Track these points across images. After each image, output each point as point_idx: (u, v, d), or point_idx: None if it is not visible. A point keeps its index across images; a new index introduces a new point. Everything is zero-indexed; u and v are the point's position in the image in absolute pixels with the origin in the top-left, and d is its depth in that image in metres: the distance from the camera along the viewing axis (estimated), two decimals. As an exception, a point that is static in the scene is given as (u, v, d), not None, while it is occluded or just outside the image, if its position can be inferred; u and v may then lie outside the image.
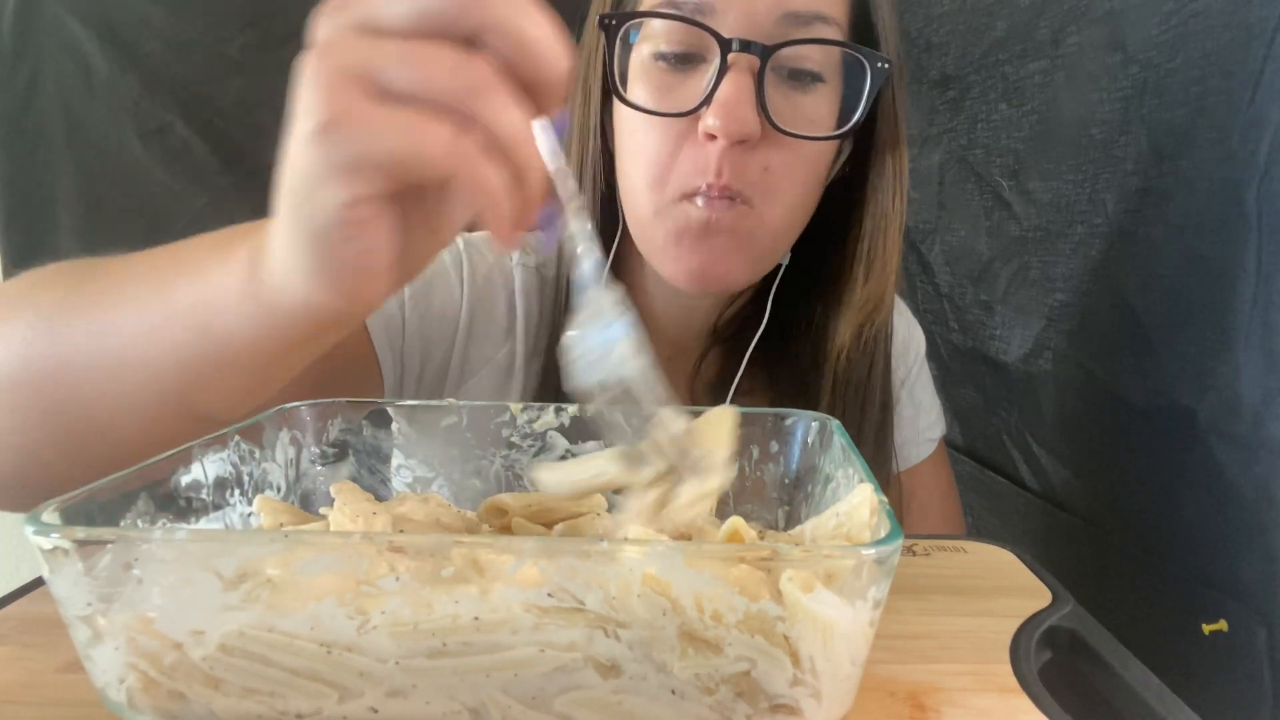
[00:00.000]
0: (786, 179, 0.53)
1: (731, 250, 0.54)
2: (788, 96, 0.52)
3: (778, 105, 0.51)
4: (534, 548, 0.27)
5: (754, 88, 0.50)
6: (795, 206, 0.55)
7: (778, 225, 0.55)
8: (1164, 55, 0.58)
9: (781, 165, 0.53)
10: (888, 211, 0.57)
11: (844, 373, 0.60)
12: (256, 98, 1.17)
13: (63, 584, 0.27)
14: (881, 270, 0.58)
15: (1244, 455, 0.52)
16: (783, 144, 0.52)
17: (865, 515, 0.32)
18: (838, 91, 0.54)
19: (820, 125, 0.54)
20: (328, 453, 0.44)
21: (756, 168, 0.52)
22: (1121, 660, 0.35)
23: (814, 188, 0.56)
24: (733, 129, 0.49)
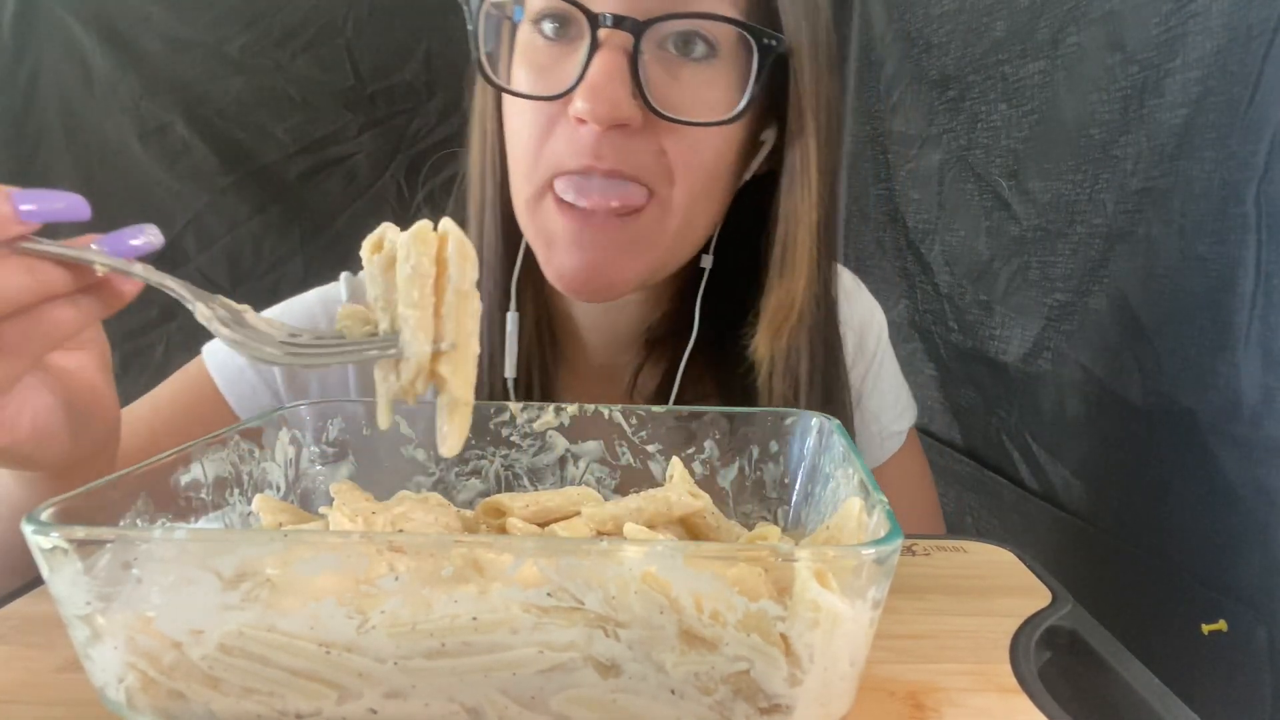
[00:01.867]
0: (686, 166, 0.48)
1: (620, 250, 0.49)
2: (674, 70, 0.48)
3: (661, 84, 0.47)
4: (534, 547, 0.27)
5: (628, 67, 0.46)
6: (700, 196, 0.50)
7: (680, 218, 0.50)
8: (1164, 55, 0.58)
9: (678, 150, 0.48)
10: (796, 209, 0.52)
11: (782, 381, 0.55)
12: (256, 98, 1.17)
13: (62, 583, 0.27)
14: (791, 272, 0.53)
15: (1244, 455, 0.52)
16: (673, 127, 0.48)
17: (853, 527, 0.33)
18: (736, 68, 0.49)
19: (715, 106, 0.48)
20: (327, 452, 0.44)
21: (646, 151, 0.47)
22: (1121, 660, 0.35)
23: (721, 177, 0.51)
24: (600, 113, 0.45)
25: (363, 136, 1.20)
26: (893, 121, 1.07)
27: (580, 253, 0.49)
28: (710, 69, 0.48)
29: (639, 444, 0.45)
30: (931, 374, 0.98)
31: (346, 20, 1.17)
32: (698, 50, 0.48)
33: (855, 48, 1.21)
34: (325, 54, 1.17)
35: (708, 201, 0.52)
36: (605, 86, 0.45)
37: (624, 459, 0.45)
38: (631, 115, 0.46)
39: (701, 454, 0.44)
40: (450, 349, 0.33)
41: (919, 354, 1.01)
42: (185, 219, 1.18)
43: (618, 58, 0.46)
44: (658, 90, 0.47)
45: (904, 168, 1.03)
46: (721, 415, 0.44)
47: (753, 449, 0.44)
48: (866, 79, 1.17)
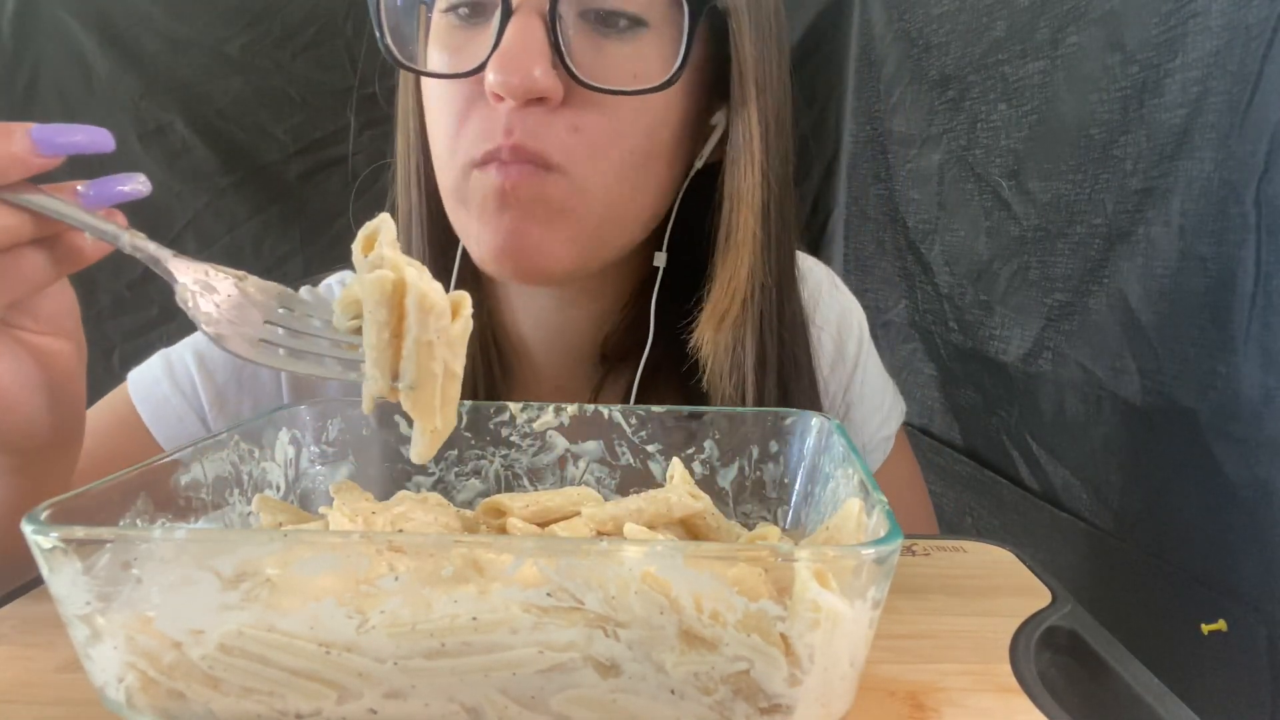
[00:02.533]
0: (605, 142, 0.45)
1: (540, 224, 0.46)
2: (597, 44, 0.44)
3: (585, 54, 0.44)
4: (533, 547, 0.27)
5: (544, 34, 0.42)
6: (625, 177, 0.46)
7: (603, 197, 0.46)
8: (1164, 55, 0.58)
9: (597, 126, 0.44)
10: (739, 188, 0.48)
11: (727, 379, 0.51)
12: (256, 98, 1.17)
13: (62, 583, 0.27)
14: (734, 257, 0.49)
15: (1244, 455, 0.52)
16: (596, 101, 0.44)
17: (852, 528, 0.33)
18: (671, 40, 0.45)
19: (645, 79, 0.45)
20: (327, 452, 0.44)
21: (562, 128, 0.44)
22: (1121, 660, 0.35)
23: (654, 157, 0.47)
24: (514, 84, 0.42)
25: (363, 136, 1.20)
26: (893, 121, 1.07)
27: (501, 230, 0.46)
28: (639, 41, 0.45)
29: (639, 444, 0.45)
30: (931, 374, 0.98)
31: (346, 20, 1.17)
32: (623, 23, 0.44)
33: (855, 48, 1.21)
34: (325, 54, 1.17)
35: (642, 184, 0.48)
36: (519, 54, 0.42)
37: (624, 459, 0.45)
38: (550, 87, 0.43)
39: (701, 454, 0.44)
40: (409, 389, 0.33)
41: (919, 354, 1.01)
42: (185, 219, 1.18)
43: (533, 23, 0.42)
44: (580, 60, 0.43)
45: (904, 168, 1.03)
46: (721, 415, 0.44)
47: (753, 449, 0.44)
48: (866, 79, 1.17)
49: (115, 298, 1.19)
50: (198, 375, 0.56)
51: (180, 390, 0.56)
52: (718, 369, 0.51)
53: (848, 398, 0.63)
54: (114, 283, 1.18)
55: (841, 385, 0.63)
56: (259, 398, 0.57)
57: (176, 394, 0.56)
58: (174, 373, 0.56)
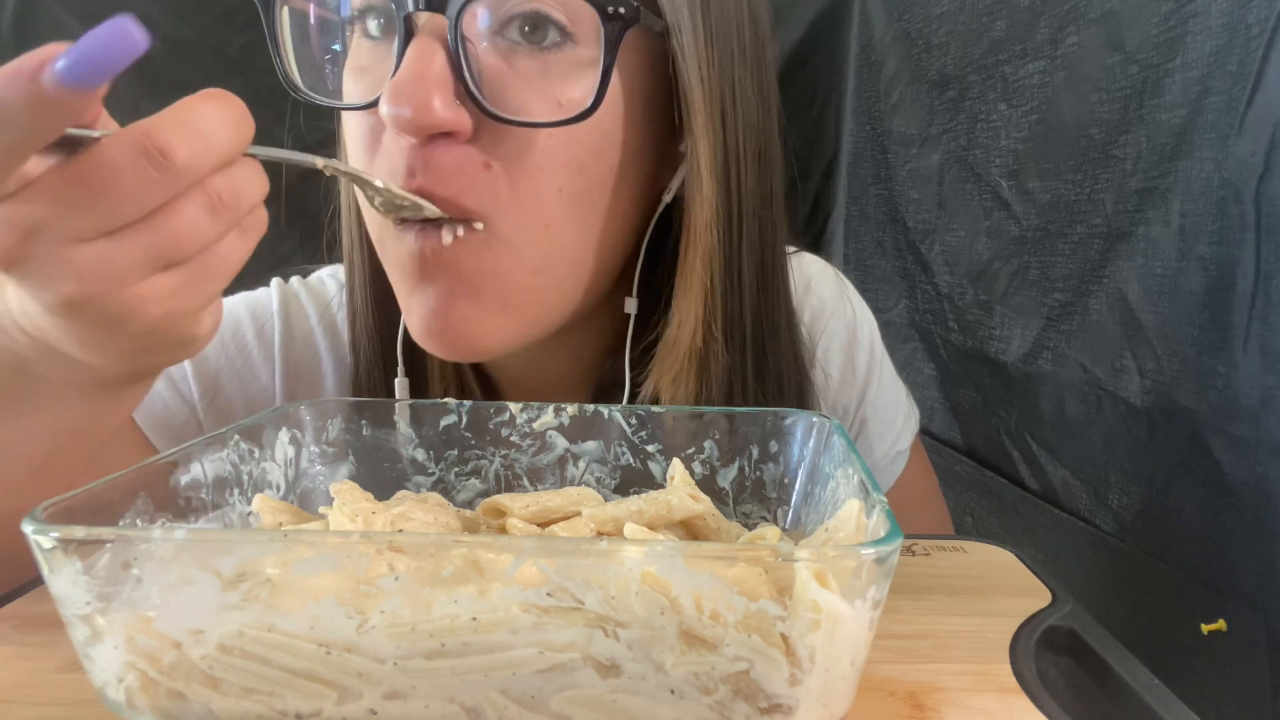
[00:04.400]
0: (527, 181, 0.38)
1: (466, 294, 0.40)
2: (517, 64, 0.38)
3: (498, 79, 0.38)
4: (534, 547, 0.27)
5: (445, 58, 0.37)
6: (557, 223, 0.40)
7: (533, 252, 0.40)
8: (1164, 55, 0.58)
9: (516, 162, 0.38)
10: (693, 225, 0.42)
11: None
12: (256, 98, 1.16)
13: (62, 583, 0.27)
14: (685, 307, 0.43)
15: (1244, 455, 0.52)
16: (512, 134, 0.38)
17: (851, 529, 0.33)
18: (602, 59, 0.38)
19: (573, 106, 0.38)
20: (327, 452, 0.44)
21: (474, 166, 0.38)
22: (1121, 660, 0.35)
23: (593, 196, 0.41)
24: (406, 118, 0.36)
25: (363, 136, 1.20)
26: (893, 121, 1.07)
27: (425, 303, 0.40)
28: (563, 62, 0.38)
29: (639, 444, 0.45)
30: (931, 374, 0.98)
31: (346, 20, 1.17)
32: (550, 37, 0.38)
33: (855, 48, 1.21)
34: (325, 54, 1.17)
35: (582, 229, 0.41)
36: (412, 83, 0.36)
37: (624, 459, 0.45)
38: (451, 119, 0.37)
39: (701, 454, 0.44)
40: None
41: (919, 354, 1.01)
42: (185, 219, 1.18)
43: (432, 48, 0.37)
44: (492, 86, 0.38)
45: (904, 168, 1.03)
46: (721, 415, 0.44)
47: (753, 449, 0.44)
48: (866, 79, 1.17)
49: (115, 298, 1.18)
50: (188, 362, 0.52)
51: (168, 374, 0.52)
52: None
53: (861, 413, 0.59)
54: (114, 283, 1.18)
55: (854, 401, 0.59)
56: (251, 389, 0.53)
57: (163, 378, 0.52)
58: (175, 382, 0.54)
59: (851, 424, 0.59)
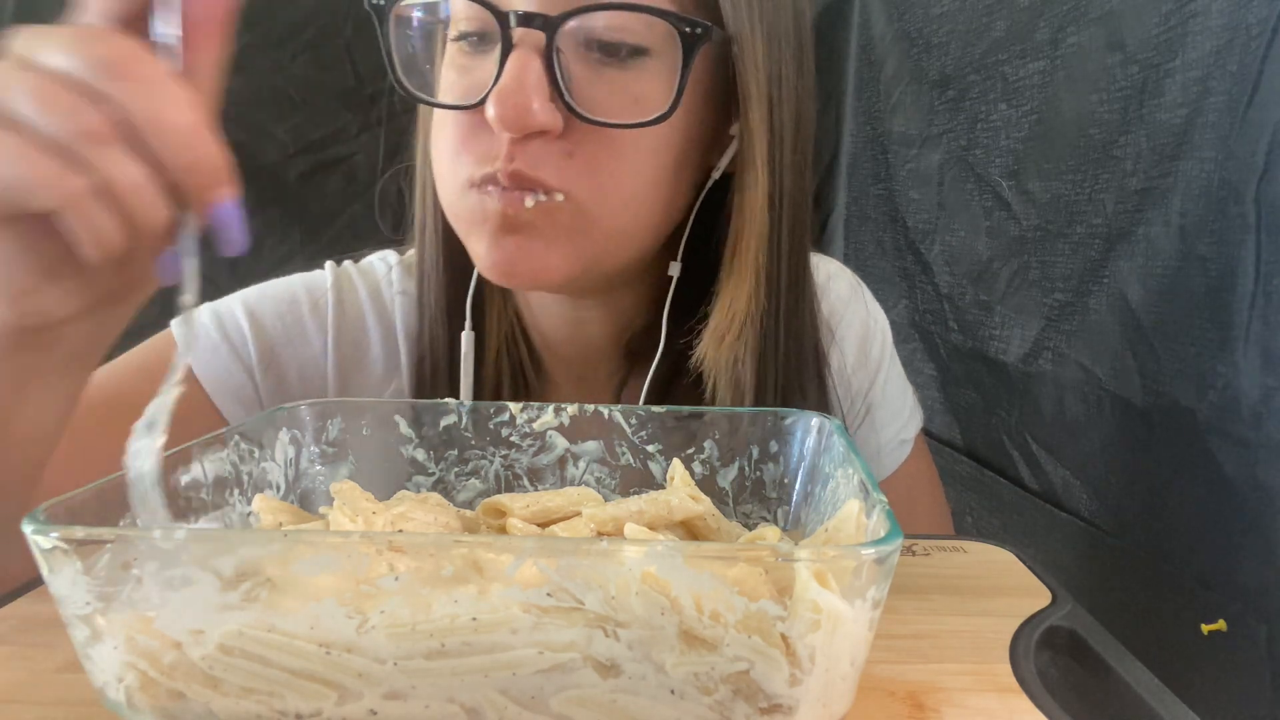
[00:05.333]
0: (607, 168, 0.45)
1: (541, 242, 0.47)
2: (598, 72, 0.44)
3: (584, 85, 0.44)
4: (533, 547, 0.27)
5: (543, 69, 0.43)
6: (630, 199, 0.47)
7: (609, 220, 0.47)
8: (1164, 55, 0.58)
9: (593, 153, 0.45)
10: (745, 209, 0.49)
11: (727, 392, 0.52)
12: (256, 98, 1.17)
13: (62, 583, 0.27)
14: (737, 277, 0.49)
15: (1244, 455, 0.52)
16: (595, 131, 0.45)
17: (851, 529, 0.33)
18: (672, 67, 0.45)
19: (648, 105, 0.45)
20: (327, 452, 0.44)
21: (560, 155, 0.45)
22: (1121, 660, 0.35)
23: (661, 178, 0.48)
24: (511, 119, 0.43)
25: (362, 136, 1.20)
26: (893, 121, 1.07)
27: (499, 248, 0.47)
28: (641, 68, 0.45)
29: (639, 444, 0.45)
30: (931, 374, 0.98)
31: (346, 20, 1.17)
32: (624, 51, 0.44)
33: (855, 48, 1.22)
34: (325, 54, 1.17)
35: (651, 202, 0.49)
36: (516, 93, 0.42)
37: (624, 459, 0.45)
38: (548, 122, 0.43)
39: (701, 454, 0.44)
40: None
41: (919, 354, 1.01)
42: (185, 219, 1.18)
43: (531, 60, 0.43)
44: (580, 92, 0.44)
45: (904, 168, 1.03)
46: (722, 415, 0.44)
47: (753, 449, 0.44)
48: (866, 79, 1.17)
49: (115, 298, 1.18)
50: (249, 328, 0.57)
51: (229, 340, 0.57)
52: (717, 379, 0.52)
53: (869, 399, 0.63)
54: (114, 283, 1.18)
55: (864, 386, 0.63)
56: (303, 357, 0.58)
57: (225, 343, 0.57)
58: (223, 323, 0.57)
59: (861, 407, 0.63)
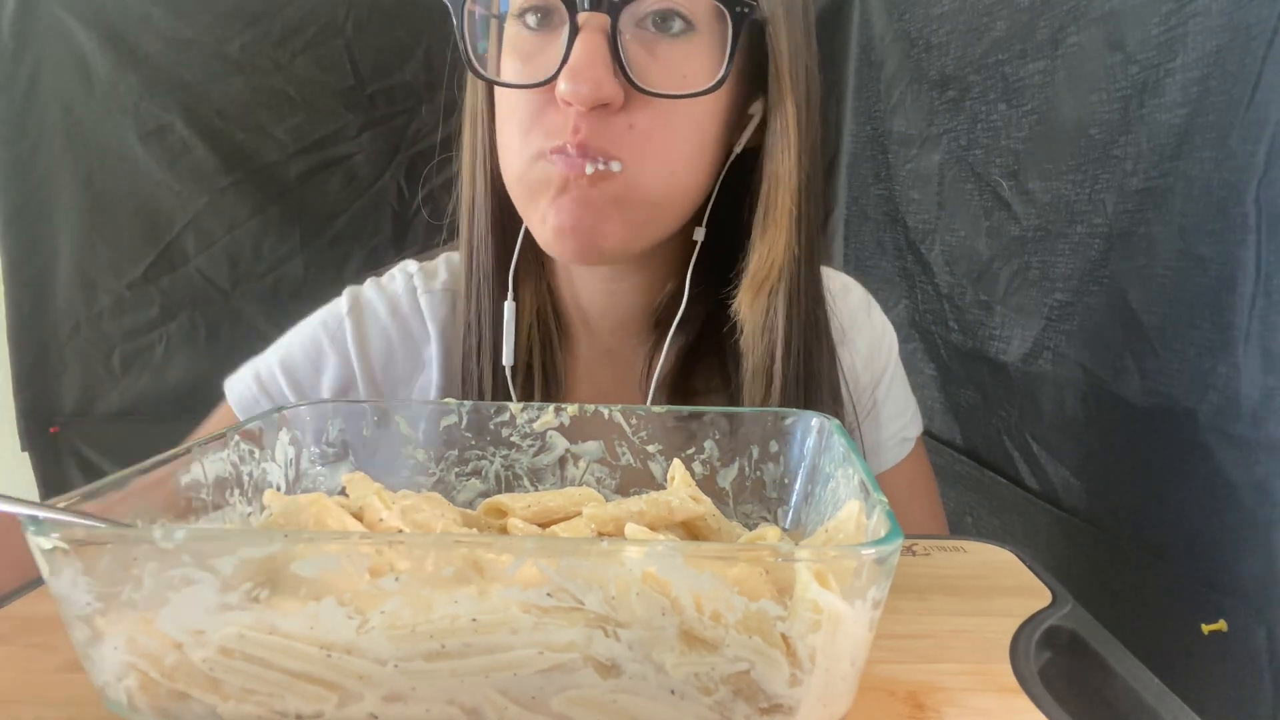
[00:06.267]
0: (659, 137, 0.50)
1: (600, 211, 0.51)
2: (653, 47, 0.50)
3: (641, 61, 0.49)
4: (534, 547, 0.27)
5: (607, 47, 0.48)
6: (675, 167, 0.52)
7: (655, 188, 0.52)
8: (1164, 55, 0.58)
9: (651, 123, 0.50)
10: (778, 172, 0.54)
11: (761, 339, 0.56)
12: (256, 98, 1.17)
13: (62, 583, 0.27)
14: (773, 232, 0.55)
15: (1244, 455, 0.52)
16: (652, 103, 0.49)
17: (851, 529, 0.33)
18: (715, 42, 0.50)
19: (691, 78, 0.50)
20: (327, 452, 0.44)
21: (622, 126, 0.49)
22: (1121, 660, 0.35)
23: (699, 147, 0.53)
24: (584, 94, 0.47)
25: (362, 136, 1.20)
26: (893, 121, 1.07)
27: (563, 211, 0.51)
28: (688, 44, 0.50)
29: (639, 444, 0.45)
30: (931, 374, 0.98)
31: (346, 20, 1.17)
32: (675, 26, 0.49)
33: (855, 48, 1.21)
34: (325, 54, 1.17)
35: (690, 172, 0.53)
36: (587, 69, 0.47)
37: (624, 459, 0.45)
38: (613, 94, 0.48)
39: (701, 454, 0.44)
40: None
41: (919, 354, 1.01)
42: (185, 219, 1.18)
43: (597, 39, 0.47)
44: (638, 67, 0.49)
45: (904, 168, 1.03)
46: (721, 415, 0.44)
47: (753, 449, 0.44)
48: (866, 79, 1.17)
49: (115, 298, 1.19)
50: (283, 379, 0.62)
51: (269, 394, 0.61)
52: (754, 330, 0.56)
53: (876, 394, 0.67)
54: (114, 283, 1.18)
55: (873, 381, 0.67)
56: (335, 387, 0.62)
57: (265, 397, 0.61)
58: (262, 380, 0.62)
59: (868, 401, 0.66)
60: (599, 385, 0.63)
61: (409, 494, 0.40)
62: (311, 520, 0.34)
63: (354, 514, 0.36)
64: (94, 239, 1.17)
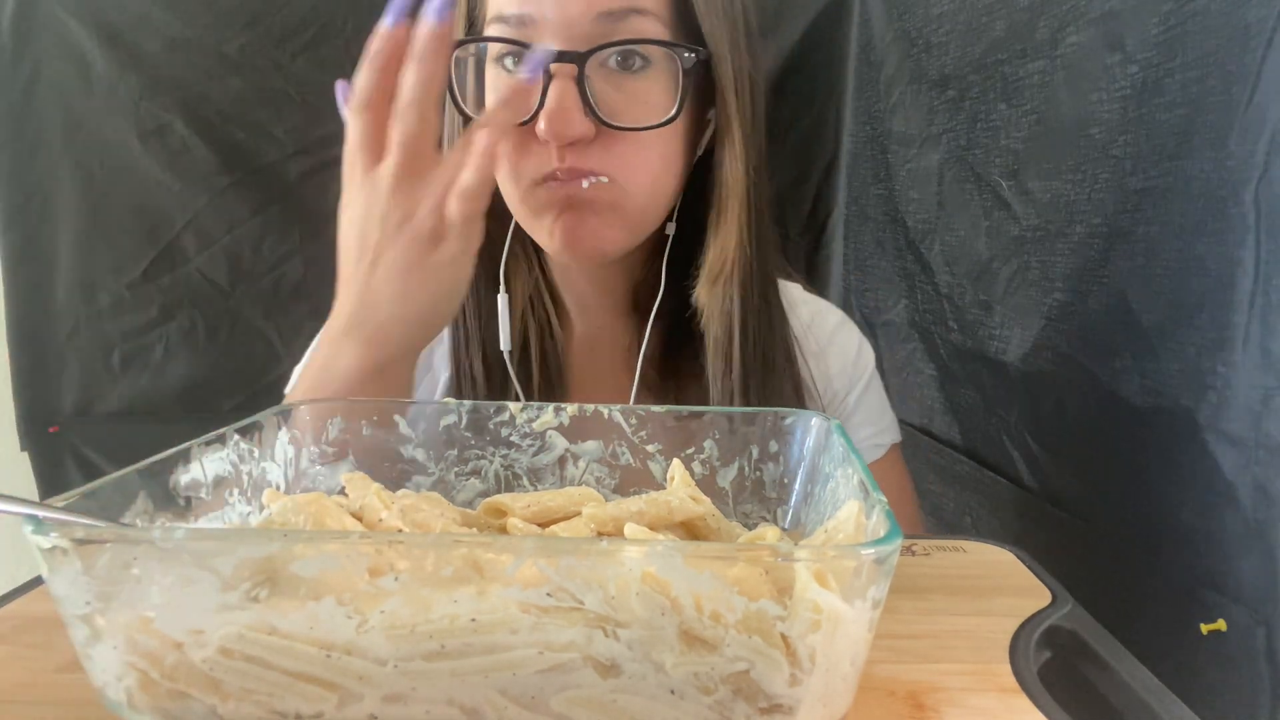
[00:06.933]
0: (634, 157, 0.58)
1: (601, 219, 0.59)
2: (618, 83, 0.57)
3: (608, 98, 0.56)
4: (534, 547, 0.27)
5: (577, 92, 0.55)
6: (655, 177, 0.60)
7: (641, 196, 0.60)
8: (1163, 55, 0.58)
9: (623, 147, 0.57)
10: (728, 179, 0.61)
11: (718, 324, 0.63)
12: (256, 98, 1.17)
13: (61, 583, 0.27)
14: (725, 231, 0.62)
15: (1242, 455, 0.52)
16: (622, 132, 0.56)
17: (851, 529, 0.33)
18: (668, 74, 0.58)
19: (654, 108, 0.58)
20: (327, 452, 0.44)
21: (600, 150, 0.57)
22: (1121, 660, 0.35)
23: (670, 160, 0.61)
24: (560, 133, 0.55)
25: (362, 136, 1.20)
26: (892, 121, 1.07)
27: (567, 225, 0.59)
28: (647, 78, 0.57)
29: (639, 444, 0.45)
30: (931, 374, 0.98)
31: (346, 20, 1.17)
32: (635, 64, 0.57)
33: (855, 48, 1.21)
34: (325, 54, 1.17)
35: (668, 177, 0.61)
36: (561, 111, 0.54)
37: (624, 459, 0.45)
38: (585, 131, 0.55)
39: (701, 454, 0.44)
40: None
41: (919, 354, 1.01)
42: (185, 219, 1.18)
43: (568, 85, 0.55)
44: (604, 104, 0.56)
45: (904, 168, 1.03)
46: (721, 415, 0.44)
47: (752, 449, 0.44)
48: (866, 79, 1.17)
49: (115, 298, 1.18)
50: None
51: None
52: (711, 314, 0.63)
53: (849, 400, 0.72)
54: (114, 283, 1.18)
55: (847, 388, 0.73)
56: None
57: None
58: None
59: (842, 405, 0.72)
60: (592, 363, 0.69)
61: (408, 494, 0.40)
62: (311, 520, 0.34)
63: (353, 514, 0.36)
64: (94, 239, 1.17)
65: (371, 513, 0.35)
